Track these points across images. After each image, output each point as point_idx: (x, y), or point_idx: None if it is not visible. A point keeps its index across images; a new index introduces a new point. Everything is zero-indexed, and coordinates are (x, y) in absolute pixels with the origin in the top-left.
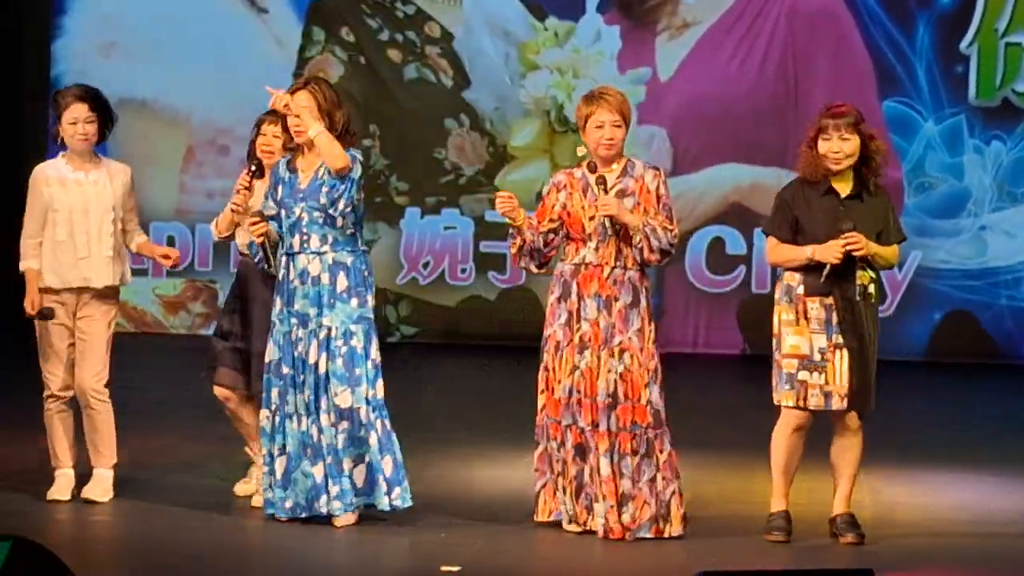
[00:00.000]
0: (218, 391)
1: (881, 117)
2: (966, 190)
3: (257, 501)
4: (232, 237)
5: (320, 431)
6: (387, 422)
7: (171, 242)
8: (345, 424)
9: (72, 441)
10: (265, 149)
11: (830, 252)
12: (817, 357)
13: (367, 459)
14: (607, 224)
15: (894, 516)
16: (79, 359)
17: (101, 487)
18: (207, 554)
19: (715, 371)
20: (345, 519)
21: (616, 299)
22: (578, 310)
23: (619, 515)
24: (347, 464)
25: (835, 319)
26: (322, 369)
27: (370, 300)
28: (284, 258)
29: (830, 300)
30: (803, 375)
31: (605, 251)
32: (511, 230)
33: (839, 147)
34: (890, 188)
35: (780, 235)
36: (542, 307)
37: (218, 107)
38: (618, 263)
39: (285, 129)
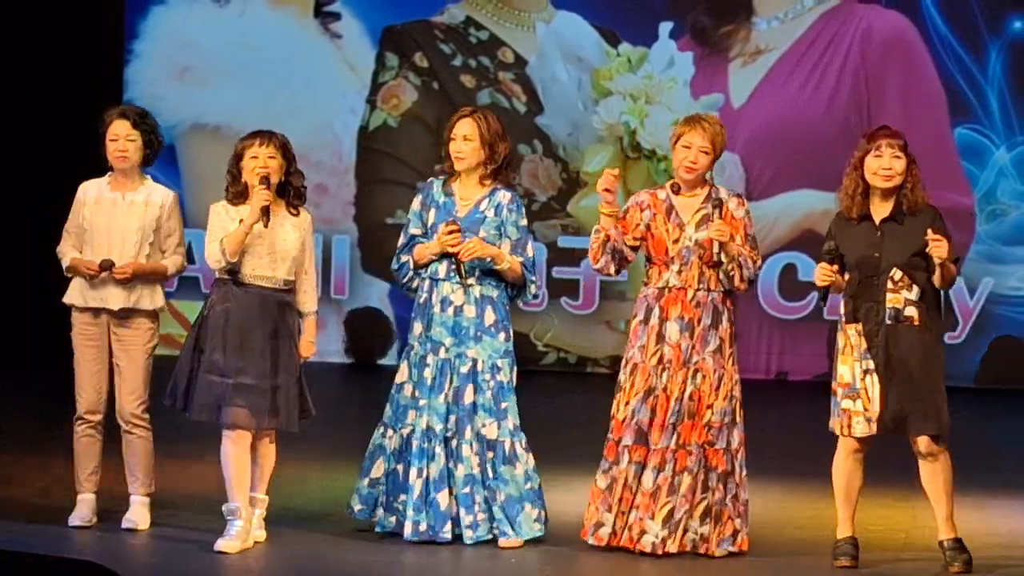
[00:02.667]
0: (233, 433)
1: (953, 144)
2: None
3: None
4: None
5: (457, 460)
6: (528, 451)
7: None
8: (490, 455)
9: (97, 467)
10: (263, 170)
11: (817, 278)
12: (857, 384)
13: (502, 496)
14: (690, 246)
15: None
16: (118, 383)
17: (139, 514)
18: None
19: (788, 397)
20: (509, 542)
21: (698, 321)
22: (659, 332)
23: (678, 534)
24: (487, 495)
25: (863, 345)
26: (467, 400)
27: (511, 333)
28: (427, 281)
29: (860, 326)
30: (846, 403)
31: (688, 274)
32: (598, 225)
33: (891, 164)
34: (961, 215)
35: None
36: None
37: (290, 132)
38: (701, 285)
39: (285, 156)
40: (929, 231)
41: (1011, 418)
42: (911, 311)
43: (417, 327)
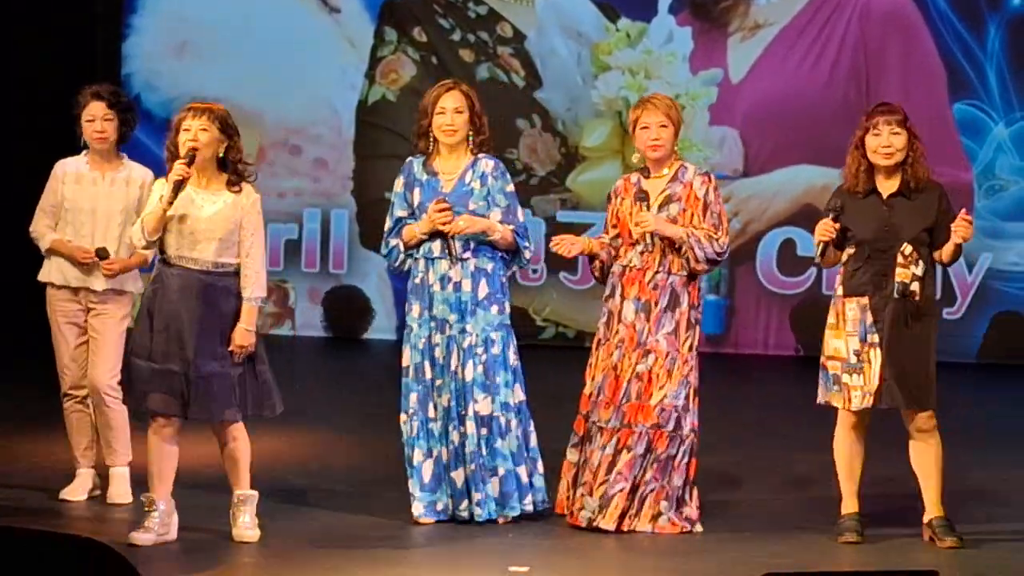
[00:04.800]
0: (153, 421)
1: (952, 119)
2: None
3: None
4: (155, 243)
5: (464, 437)
6: (528, 425)
7: None
8: (484, 431)
9: (91, 441)
10: (192, 143)
11: (817, 232)
12: (853, 360)
13: (502, 470)
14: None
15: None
16: (92, 356)
17: (121, 488)
18: (272, 557)
19: (784, 371)
20: (503, 517)
21: (655, 303)
22: (620, 311)
23: (609, 509)
24: (487, 473)
25: (869, 319)
26: (468, 377)
27: (507, 306)
28: (422, 261)
29: (865, 300)
30: (845, 378)
31: (649, 256)
32: (589, 257)
33: (890, 141)
34: (960, 190)
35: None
36: None
37: (290, 107)
38: (661, 267)
39: (223, 130)
40: (963, 211)
41: (1012, 393)
42: (916, 286)
43: (415, 308)
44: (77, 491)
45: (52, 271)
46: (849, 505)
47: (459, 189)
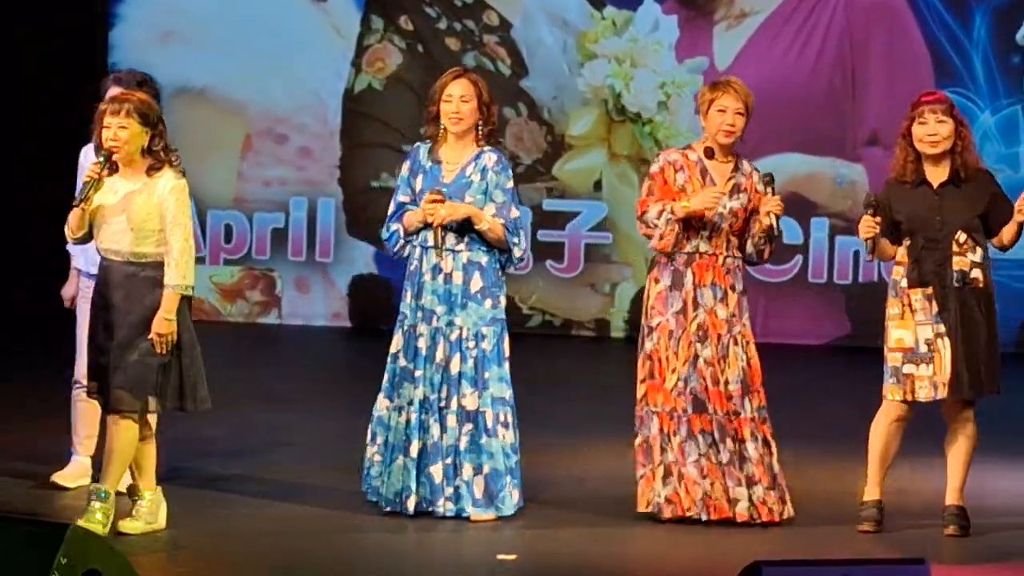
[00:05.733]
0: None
1: None
2: (1022, 181)
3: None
4: (89, 236)
5: (443, 431)
6: (514, 423)
7: (228, 230)
8: (469, 427)
9: (91, 431)
10: (112, 144)
11: (861, 230)
12: (923, 349)
13: (488, 468)
14: (723, 213)
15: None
16: None
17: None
18: (263, 546)
19: (771, 360)
20: (483, 515)
21: (732, 288)
22: (694, 299)
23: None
24: (468, 470)
25: (935, 308)
26: (454, 370)
27: (502, 300)
28: (418, 249)
29: (930, 290)
30: (909, 368)
31: (717, 240)
32: (672, 216)
33: (936, 129)
34: None
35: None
36: None
37: (276, 96)
38: (729, 252)
39: (145, 122)
40: None
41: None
42: (976, 273)
43: (408, 295)
44: (69, 477)
45: (78, 256)
46: (873, 492)
47: (459, 180)
